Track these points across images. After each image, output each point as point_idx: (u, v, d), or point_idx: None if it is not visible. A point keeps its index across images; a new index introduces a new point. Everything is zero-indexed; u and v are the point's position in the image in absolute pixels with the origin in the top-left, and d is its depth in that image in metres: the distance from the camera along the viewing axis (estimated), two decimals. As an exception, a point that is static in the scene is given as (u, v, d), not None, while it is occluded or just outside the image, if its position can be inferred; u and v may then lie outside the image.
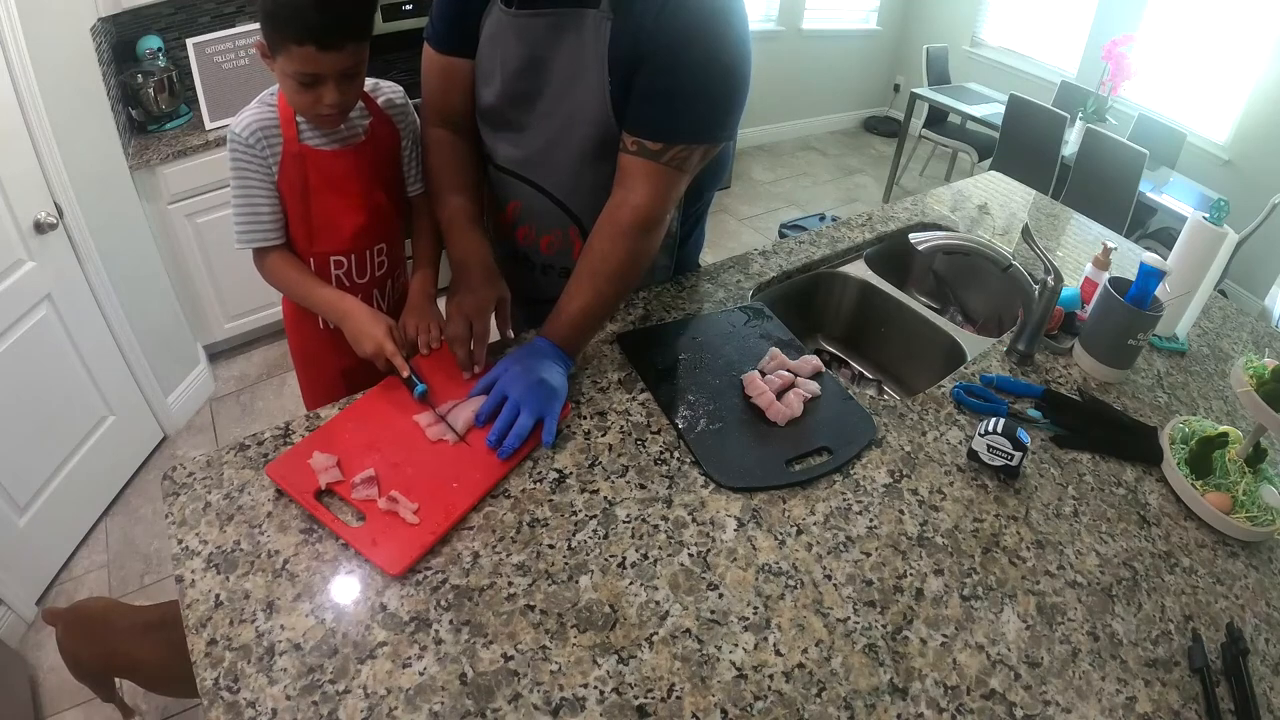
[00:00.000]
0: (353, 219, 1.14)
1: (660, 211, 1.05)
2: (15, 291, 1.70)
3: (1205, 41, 3.75)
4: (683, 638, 0.78)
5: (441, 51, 1.12)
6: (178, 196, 2.23)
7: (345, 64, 0.99)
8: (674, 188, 1.05)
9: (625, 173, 1.03)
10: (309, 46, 0.94)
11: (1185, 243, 1.30)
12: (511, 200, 1.18)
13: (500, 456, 0.93)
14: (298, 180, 1.08)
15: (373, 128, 1.14)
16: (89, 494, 2.03)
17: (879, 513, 0.95)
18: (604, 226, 1.04)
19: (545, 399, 0.97)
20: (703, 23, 0.96)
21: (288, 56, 0.96)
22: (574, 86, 1.03)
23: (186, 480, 0.91)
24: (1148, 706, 0.78)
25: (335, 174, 1.10)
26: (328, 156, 1.09)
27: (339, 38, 0.96)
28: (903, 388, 1.52)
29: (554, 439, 0.96)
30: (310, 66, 0.96)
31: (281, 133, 1.06)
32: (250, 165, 1.06)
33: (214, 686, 0.70)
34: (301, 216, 1.12)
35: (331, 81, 0.99)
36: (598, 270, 1.04)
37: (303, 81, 0.99)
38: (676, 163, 1.01)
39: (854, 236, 1.61)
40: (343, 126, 1.11)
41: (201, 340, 2.52)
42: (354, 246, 1.16)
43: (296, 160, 1.07)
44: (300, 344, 1.30)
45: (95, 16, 2.04)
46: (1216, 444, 1.04)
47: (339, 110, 1.04)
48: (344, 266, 1.17)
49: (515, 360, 1.01)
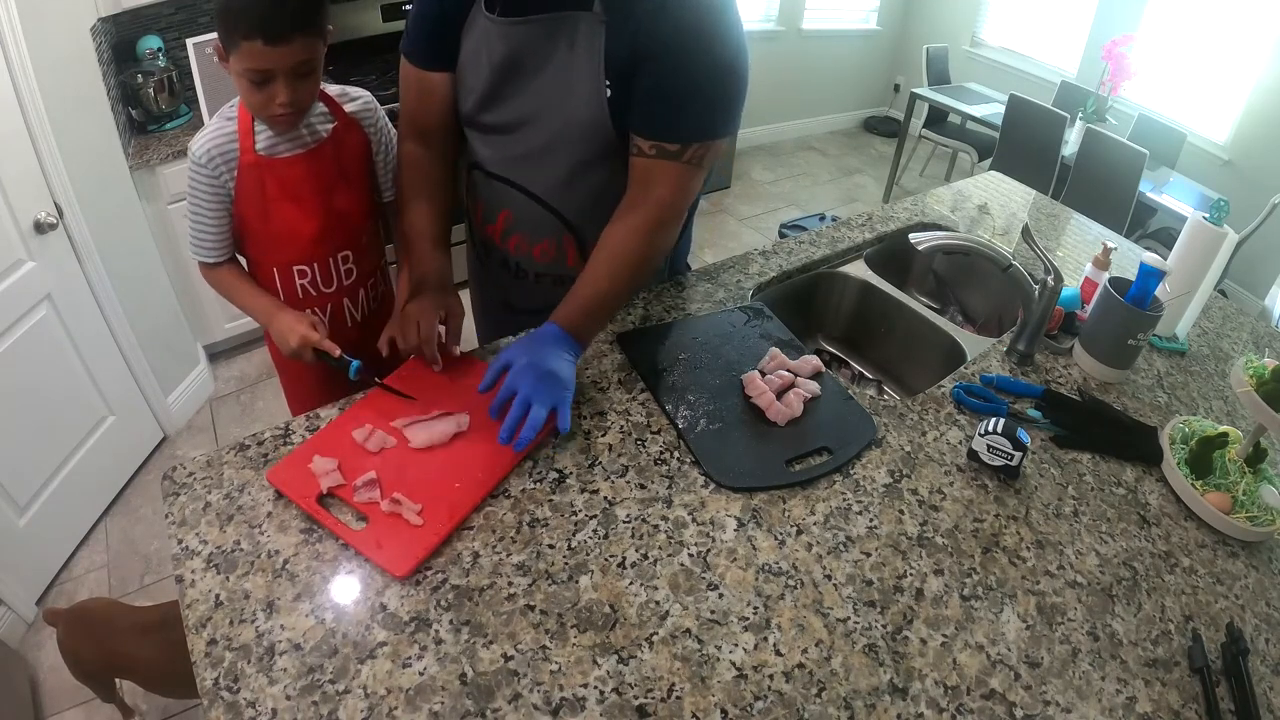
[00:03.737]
0: (309, 225, 1.13)
1: (682, 207, 1.06)
2: (15, 291, 1.70)
3: (1205, 41, 3.75)
4: (683, 638, 0.78)
5: (419, 66, 1.11)
6: (178, 196, 2.22)
7: (295, 59, 0.98)
8: (694, 184, 1.06)
9: (646, 175, 1.03)
10: (256, 41, 0.94)
11: (1185, 243, 1.30)
12: (502, 209, 1.17)
13: (516, 449, 0.91)
14: (256, 191, 1.08)
15: (336, 132, 1.13)
16: (89, 494, 2.03)
17: (879, 513, 0.95)
18: (623, 219, 1.04)
19: (556, 389, 0.94)
20: (703, 21, 0.96)
21: (238, 54, 0.97)
22: (568, 91, 1.02)
23: (186, 480, 0.91)
24: (1148, 706, 0.78)
25: (290, 180, 1.09)
26: (281, 163, 1.08)
27: (286, 30, 0.95)
28: (903, 388, 1.52)
29: (569, 426, 0.95)
30: (259, 62, 0.96)
31: (238, 144, 1.06)
32: (201, 186, 1.07)
33: (214, 686, 0.70)
34: (261, 227, 1.12)
35: (282, 78, 0.99)
36: (616, 258, 1.03)
37: (254, 80, 0.99)
38: (696, 160, 1.02)
39: (854, 236, 1.61)
40: (304, 130, 1.10)
41: (201, 340, 2.52)
42: (314, 254, 1.16)
43: (253, 171, 1.07)
44: (273, 352, 1.31)
45: (95, 16, 2.03)
46: (1216, 444, 1.04)
47: (293, 109, 1.03)
48: (308, 276, 1.17)
49: (523, 351, 0.97)
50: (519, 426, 0.91)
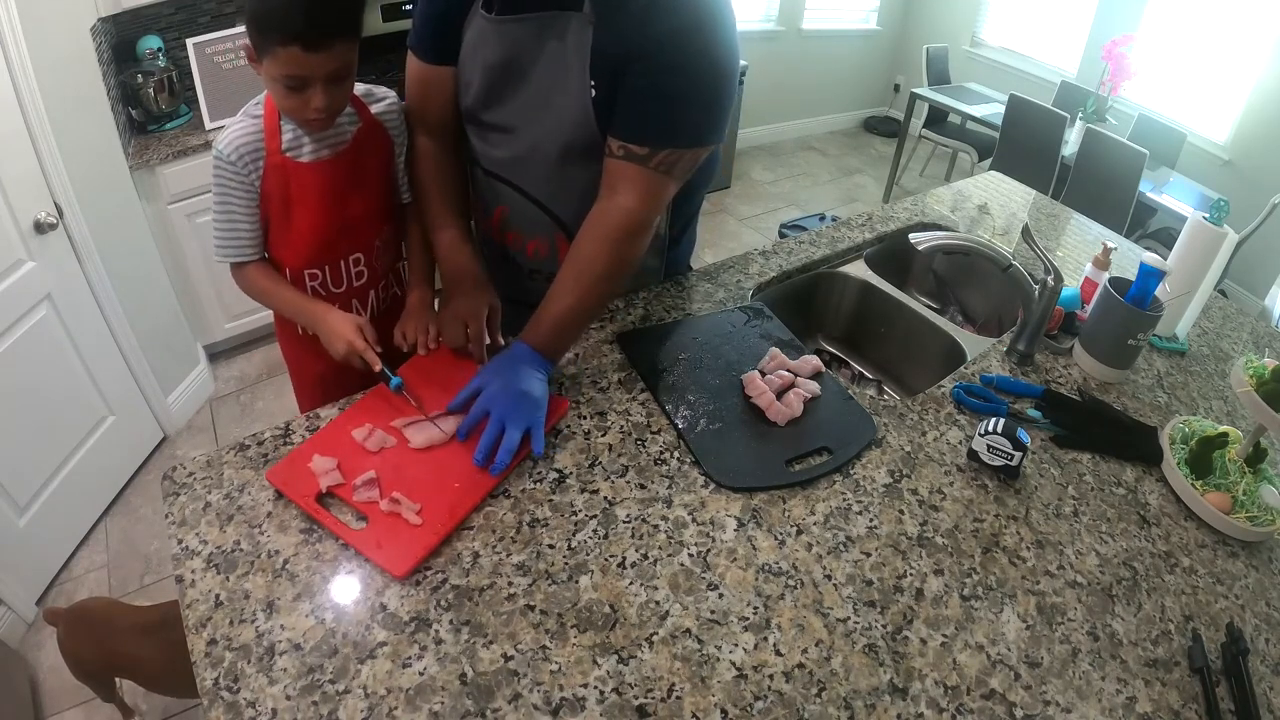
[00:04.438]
0: (325, 230, 1.13)
1: (648, 217, 1.04)
2: (15, 291, 1.70)
3: (1205, 41, 3.75)
4: (683, 638, 0.78)
5: (424, 60, 1.11)
6: (178, 196, 2.23)
7: (332, 66, 0.97)
8: (662, 193, 1.03)
9: (612, 177, 1.02)
10: (294, 48, 0.93)
11: (1185, 243, 1.30)
12: (498, 205, 1.18)
13: (493, 474, 0.91)
14: (279, 192, 1.08)
15: (361, 134, 1.13)
16: (89, 494, 2.03)
17: (879, 513, 0.95)
18: (590, 230, 1.03)
19: (529, 411, 0.95)
20: (687, 26, 0.95)
21: (274, 59, 0.95)
22: (556, 90, 1.02)
23: (186, 480, 0.91)
24: (1148, 706, 0.78)
25: (312, 185, 1.09)
26: (305, 168, 1.08)
27: (325, 38, 0.94)
28: (903, 388, 1.52)
29: (543, 448, 0.95)
30: (297, 69, 0.95)
31: (265, 145, 1.06)
32: (231, 183, 1.06)
33: (214, 686, 0.70)
34: (280, 228, 1.12)
35: (319, 84, 0.98)
36: (582, 273, 1.02)
37: (289, 85, 0.98)
38: (664, 168, 1.00)
39: (854, 236, 1.61)
40: (330, 131, 1.10)
41: (201, 340, 2.52)
42: (326, 258, 1.16)
43: (278, 172, 1.07)
44: (285, 348, 1.30)
45: (95, 16, 2.04)
46: (1216, 444, 1.04)
47: (327, 114, 1.03)
48: (319, 278, 1.17)
49: (494, 373, 0.99)
50: (494, 449, 0.92)
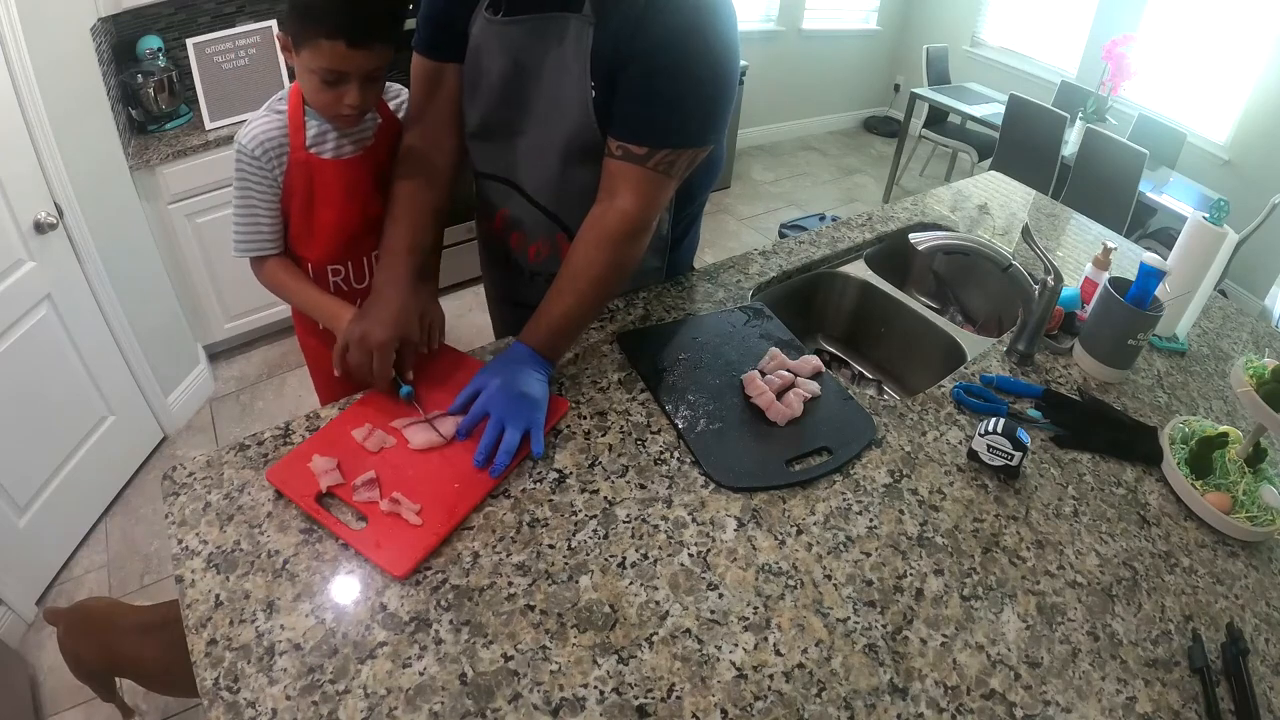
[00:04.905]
0: (349, 227, 1.13)
1: (647, 217, 1.04)
2: (15, 291, 1.70)
3: (1205, 41, 3.75)
4: (683, 638, 0.78)
5: (429, 58, 1.11)
6: (178, 196, 2.23)
7: (371, 64, 0.99)
8: (660, 193, 1.03)
9: (611, 178, 1.02)
10: (339, 42, 0.94)
11: (1185, 243, 1.30)
12: (500, 208, 1.18)
13: (492, 475, 0.91)
14: (303, 187, 1.08)
15: (382, 132, 1.13)
16: (89, 494, 2.03)
17: (879, 513, 0.95)
18: (589, 231, 1.03)
19: (529, 411, 0.95)
20: (686, 26, 0.95)
21: (315, 51, 0.96)
22: (557, 91, 1.02)
23: (186, 480, 0.91)
24: (1148, 706, 0.78)
25: (335, 182, 1.09)
26: (329, 165, 1.08)
27: (369, 37, 0.96)
28: (903, 388, 1.52)
29: (543, 449, 0.95)
30: (337, 64, 0.96)
31: (289, 140, 1.06)
32: (254, 177, 1.06)
33: (214, 686, 0.70)
34: (302, 223, 1.12)
35: (355, 81, 1.00)
36: (581, 274, 1.02)
37: (326, 79, 0.99)
38: (662, 168, 1.00)
39: (854, 236, 1.61)
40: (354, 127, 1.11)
41: (201, 340, 2.52)
42: (349, 254, 1.16)
43: (302, 168, 1.07)
44: (304, 341, 1.31)
45: (95, 16, 2.03)
46: (1216, 444, 1.04)
47: (359, 111, 1.04)
48: (341, 274, 1.18)
49: (494, 373, 0.99)
50: (494, 450, 0.92)
